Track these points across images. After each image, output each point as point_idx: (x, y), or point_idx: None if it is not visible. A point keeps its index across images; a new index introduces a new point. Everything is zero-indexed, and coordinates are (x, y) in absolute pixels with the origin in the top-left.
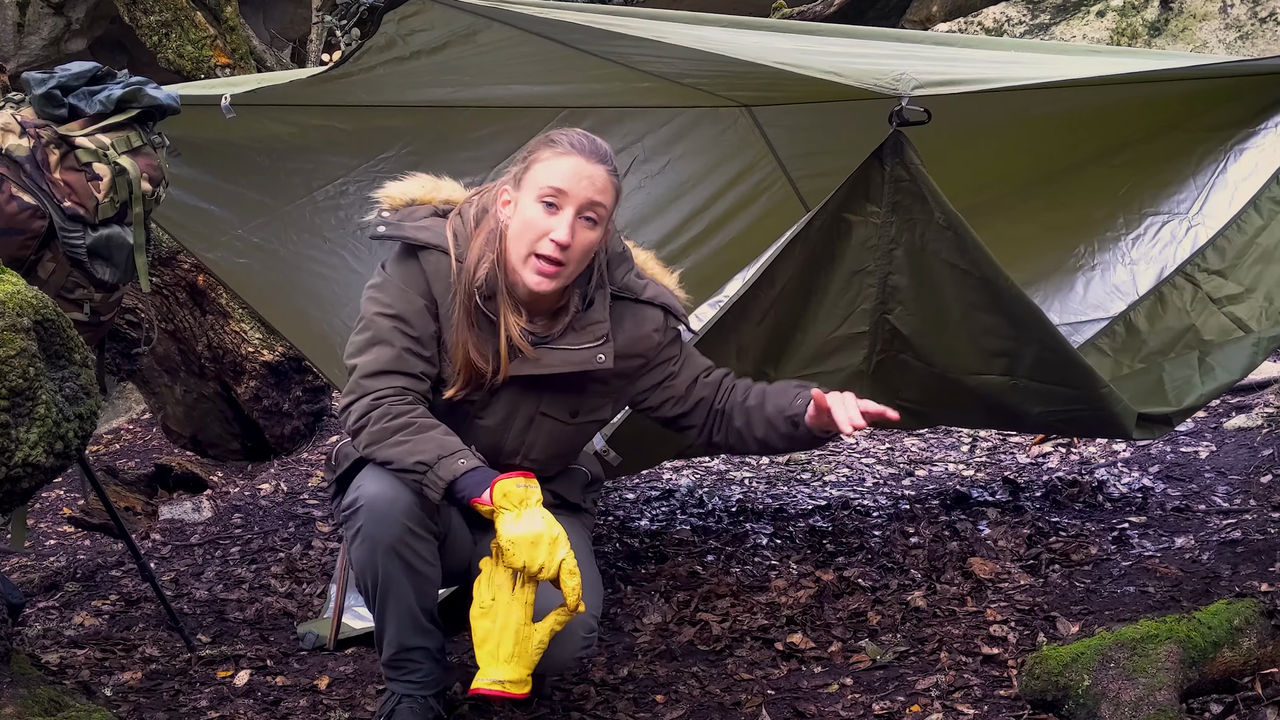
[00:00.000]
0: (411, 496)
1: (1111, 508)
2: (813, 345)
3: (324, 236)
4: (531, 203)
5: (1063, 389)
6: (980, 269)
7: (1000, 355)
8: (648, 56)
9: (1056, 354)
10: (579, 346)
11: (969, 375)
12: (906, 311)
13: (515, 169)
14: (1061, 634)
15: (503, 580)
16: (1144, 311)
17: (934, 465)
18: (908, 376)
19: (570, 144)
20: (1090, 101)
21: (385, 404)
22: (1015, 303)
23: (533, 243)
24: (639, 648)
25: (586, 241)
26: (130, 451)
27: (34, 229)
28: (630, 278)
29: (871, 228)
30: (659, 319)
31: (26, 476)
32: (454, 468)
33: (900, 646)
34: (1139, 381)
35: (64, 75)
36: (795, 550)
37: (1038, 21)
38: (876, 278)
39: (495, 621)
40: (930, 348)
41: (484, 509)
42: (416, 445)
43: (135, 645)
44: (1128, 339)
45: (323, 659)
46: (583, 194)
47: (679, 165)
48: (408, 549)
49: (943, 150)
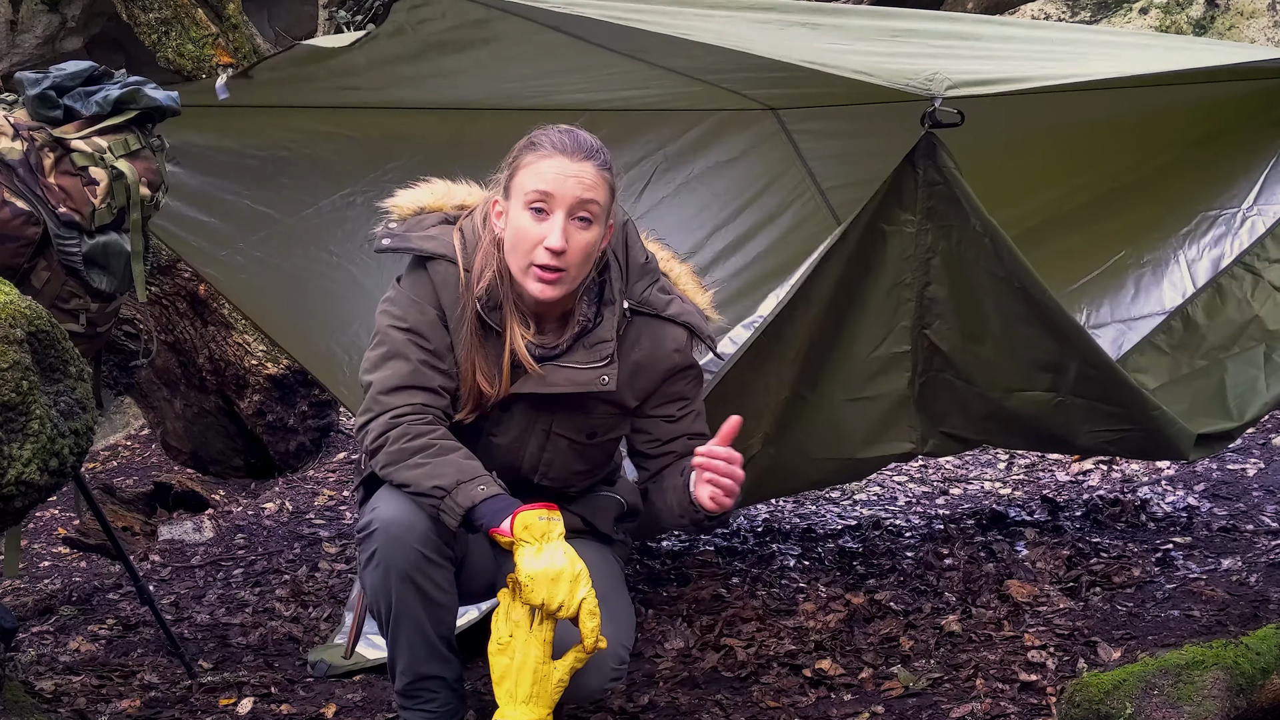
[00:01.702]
0: (427, 521)
1: (1155, 527)
2: (853, 367)
3: (330, 250)
4: (520, 211)
5: (1108, 407)
6: (1018, 277)
7: (1043, 370)
8: (670, 54)
9: (1100, 371)
10: (584, 366)
11: (1012, 393)
12: (945, 325)
13: (503, 174)
14: (1103, 660)
15: (520, 616)
16: (1201, 305)
17: (969, 483)
18: (951, 400)
19: (552, 144)
20: (1137, 104)
21: (404, 423)
22: (1054, 314)
23: (528, 253)
24: (660, 674)
25: (583, 242)
26: (128, 469)
27: (27, 236)
28: (653, 292)
29: (907, 237)
30: (681, 339)
31: (20, 495)
32: (473, 494)
33: (934, 673)
34: (1199, 385)
35: (59, 75)
36: (824, 572)
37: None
38: (914, 290)
39: (513, 659)
40: (971, 364)
41: (503, 540)
42: (435, 469)
43: (133, 672)
44: (1185, 335)
45: (330, 686)
46: (571, 194)
47: (703, 175)
48: (423, 576)
49: (985, 158)
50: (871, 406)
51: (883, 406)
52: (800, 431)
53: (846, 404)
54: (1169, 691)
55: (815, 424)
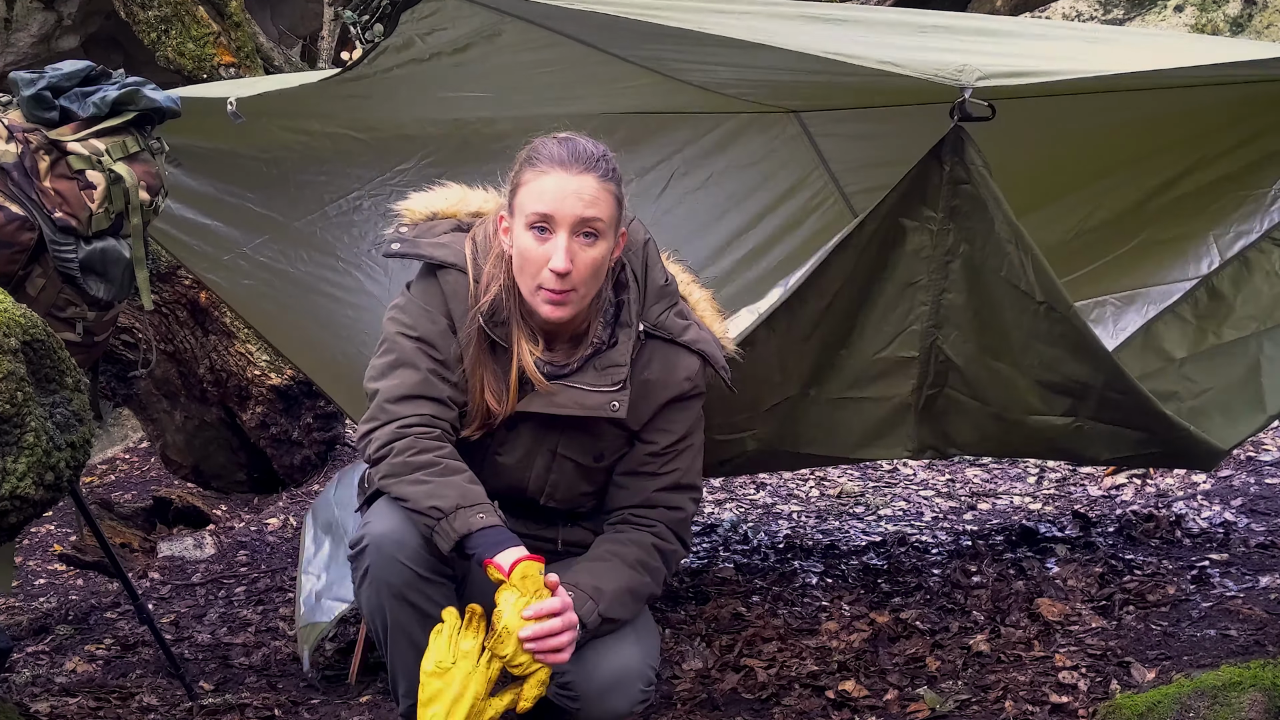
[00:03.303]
0: (419, 540)
1: (1190, 544)
2: (857, 365)
3: (336, 255)
4: (523, 231)
5: (1132, 431)
6: (1044, 292)
7: (1063, 394)
8: (686, 63)
9: (1125, 396)
10: (594, 388)
11: (1028, 416)
12: (961, 337)
13: (506, 190)
14: (1136, 681)
15: (470, 648)
16: (1228, 276)
17: (998, 498)
18: (960, 417)
19: (550, 158)
20: (1173, 104)
21: (411, 435)
22: (1080, 334)
23: (535, 275)
24: (678, 696)
25: (590, 259)
26: (127, 483)
27: (22, 242)
28: (670, 317)
29: (927, 235)
30: (693, 367)
31: (14, 510)
32: (470, 522)
33: (961, 695)
34: (1230, 367)
35: (55, 75)
36: (848, 590)
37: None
38: (930, 294)
39: (449, 687)
40: (985, 381)
41: (496, 576)
42: (437, 489)
43: (132, 693)
44: (1210, 303)
45: (336, 708)
46: (571, 213)
47: (722, 179)
48: (417, 594)
49: (1014, 158)
50: (871, 408)
51: (882, 410)
52: (794, 426)
53: (845, 402)
54: (1205, 714)
55: (811, 420)
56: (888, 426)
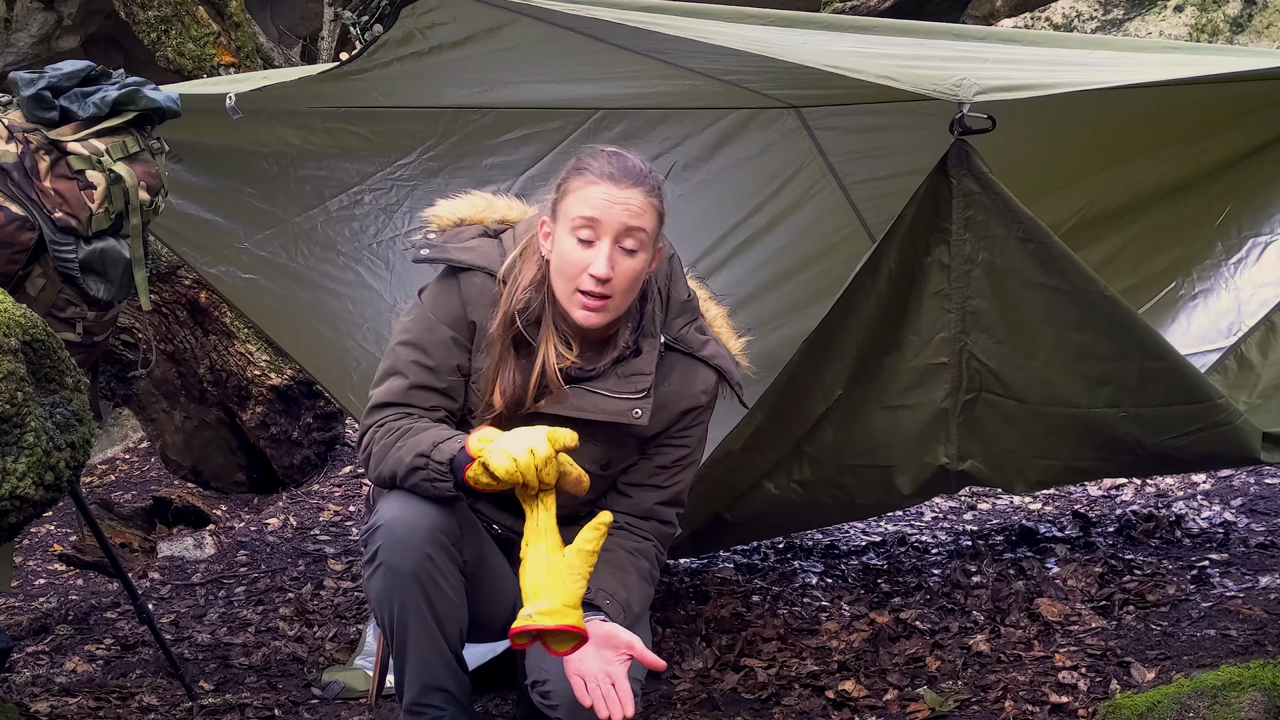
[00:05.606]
0: (430, 522)
1: (1190, 544)
2: (893, 376)
3: (338, 250)
4: (566, 235)
5: (1174, 409)
6: (1069, 280)
7: (1103, 383)
8: (688, 52)
9: (1163, 361)
10: (617, 395)
11: (1070, 409)
12: (991, 340)
13: (551, 197)
14: (1136, 681)
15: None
16: (1255, 343)
17: (998, 498)
18: (1003, 420)
19: (600, 170)
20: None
21: (386, 424)
22: (1111, 311)
23: (574, 279)
24: (678, 696)
25: (630, 270)
26: (126, 483)
27: (22, 242)
28: (690, 332)
29: (945, 245)
30: (710, 381)
31: (14, 510)
32: (450, 449)
33: (961, 695)
34: (1259, 416)
35: (55, 75)
36: (848, 590)
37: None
38: (955, 302)
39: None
40: (1023, 381)
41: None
42: (415, 443)
43: (132, 693)
44: (1240, 373)
45: (335, 709)
46: (617, 222)
47: (723, 173)
48: (428, 577)
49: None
50: (909, 416)
51: (921, 418)
52: (834, 439)
53: (880, 411)
54: (1205, 714)
55: (849, 431)
56: (928, 431)
